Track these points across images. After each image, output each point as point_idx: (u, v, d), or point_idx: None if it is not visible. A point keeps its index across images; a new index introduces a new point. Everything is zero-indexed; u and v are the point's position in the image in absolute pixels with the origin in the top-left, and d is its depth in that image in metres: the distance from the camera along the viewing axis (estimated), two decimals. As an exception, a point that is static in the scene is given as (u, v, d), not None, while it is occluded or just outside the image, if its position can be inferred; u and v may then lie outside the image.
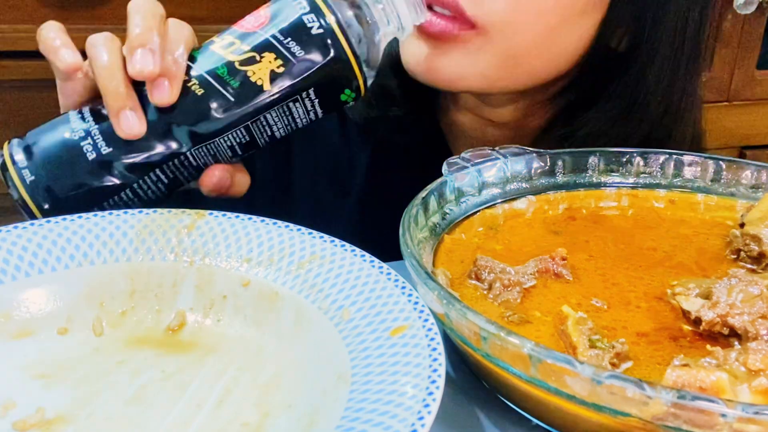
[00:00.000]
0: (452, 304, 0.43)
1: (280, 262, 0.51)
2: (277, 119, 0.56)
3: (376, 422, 0.37)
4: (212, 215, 0.54)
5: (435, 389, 0.39)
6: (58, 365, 0.46)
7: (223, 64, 0.55)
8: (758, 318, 0.46)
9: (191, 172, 0.56)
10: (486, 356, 0.42)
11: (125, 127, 0.53)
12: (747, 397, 0.40)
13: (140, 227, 0.53)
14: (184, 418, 0.42)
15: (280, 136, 0.57)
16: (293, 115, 0.56)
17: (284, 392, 0.45)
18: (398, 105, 0.80)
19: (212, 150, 0.55)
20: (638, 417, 0.37)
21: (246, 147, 0.57)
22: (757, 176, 0.65)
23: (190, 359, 0.47)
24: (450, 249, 0.56)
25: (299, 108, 0.56)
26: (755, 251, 0.55)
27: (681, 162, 0.67)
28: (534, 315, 0.49)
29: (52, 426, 0.41)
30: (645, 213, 0.64)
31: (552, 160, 0.65)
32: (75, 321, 0.49)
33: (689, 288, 0.50)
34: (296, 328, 0.48)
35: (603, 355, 0.43)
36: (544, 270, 0.53)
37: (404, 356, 0.41)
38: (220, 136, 0.55)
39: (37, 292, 0.49)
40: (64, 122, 0.55)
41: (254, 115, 0.55)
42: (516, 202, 0.63)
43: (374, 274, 0.48)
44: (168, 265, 0.52)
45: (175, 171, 0.55)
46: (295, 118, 0.57)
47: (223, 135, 0.55)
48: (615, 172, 0.67)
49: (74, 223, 0.52)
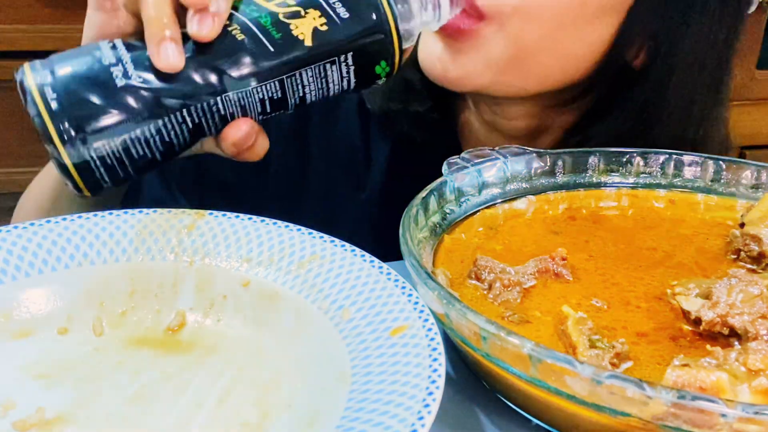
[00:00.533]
0: (452, 304, 0.43)
1: (280, 262, 0.51)
2: (311, 80, 0.55)
3: (376, 422, 0.37)
4: (212, 215, 0.54)
5: (435, 389, 0.39)
6: (58, 365, 0.46)
7: (267, 14, 0.54)
8: (758, 318, 0.46)
9: (217, 121, 0.54)
10: (486, 356, 0.42)
11: (164, 57, 0.50)
12: (747, 397, 0.40)
13: (140, 227, 0.53)
14: (184, 418, 0.42)
15: (310, 99, 0.57)
16: (328, 78, 0.56)
17: (284, 392, 0.45)
18: (419, 101, 0.80)
19: (243, 100, 0.54)
20: (638, 417, 0.37)
21: (276, 104, 0.55)
22: (757, 176, 0.65)
23: (190, 359, 0.47)
24: (450, 249, 0.56)
25: (335, 72, 0.55)
26: (755, 251, 0.55)
27: (681, 162, 0.67)
28: (534, 315, 0.49)
29: (52, 426, 0.41)
30: (645, 213, 0.64)
31: (552, 160, 0.65)
32: (75, 321, 0.49)
33: (689, 288, 0.50)
34: (296, 328, 0.48)
35: (603, 355, 0.43)
36: (544, 270, 0.53)
37: (404, 356, 0.41)
38: (253, 85, 0.54)
39: (37, 292, 0.49)
40: (94, 48, 0.53)
41: (291, 70, 0.54)
42: (516, 202, 0.63)
43: (374, 274, 0.48)
44: (168, 265, 0.52)
45: (202, 116, 0.53)
46: (328, 83, 0.56)
47: (257, 85, 0.54)
48: (615, 172, 0.67)
49: (74, 223, 0.52)
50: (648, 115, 0.72)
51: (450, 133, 0.83)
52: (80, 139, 0.50)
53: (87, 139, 0.50)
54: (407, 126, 0.80)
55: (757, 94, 1.90)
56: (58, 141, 0.50)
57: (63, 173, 0.51)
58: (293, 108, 0.56)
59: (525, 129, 0.77)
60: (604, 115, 0.73)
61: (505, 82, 0.70)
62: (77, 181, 0.51)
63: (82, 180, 0.51)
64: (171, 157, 0.54)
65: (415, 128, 0.80)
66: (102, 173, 0.51)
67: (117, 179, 0.52)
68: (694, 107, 0.73)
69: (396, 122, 0.81)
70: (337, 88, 0.57)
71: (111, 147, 0.51)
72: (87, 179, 0.51)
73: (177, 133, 0.53)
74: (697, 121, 0.74)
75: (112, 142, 0.51)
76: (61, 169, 0.51)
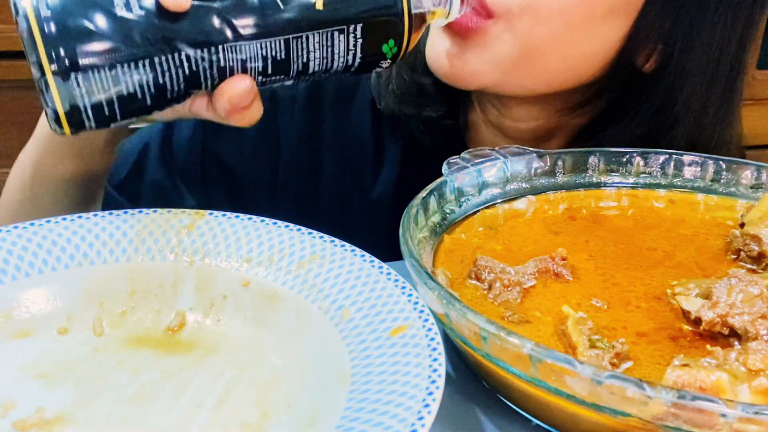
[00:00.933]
0: (452, 304, 0.43)
1: (280, 262, 0.51)
2: (317, 46, 0.54)
3: (376, 422, 0.37)
4: (212, 215, 0.54)
5: (435, 389, 0.39)
6: (58, 365, 0.46)
7: None
8: (758, 318, 0.46)
9: (215, 73, 0.52)
10: (486, 356, 0.42)
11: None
12: (747, 397, 0.40)
13: (140, 227, 0.53)
14: (184, 418, 0.42)
15: (313, 69, 0.55)
16: (334, 47, 0.54)
17: (284, 392, 0.45)
18: (432, 106, 0.79)
19: (245, 54, 0.52)
20: (638, 417, 0.37)
21: (278, 66, 0.54)
22: (757, 176, 0.65)
23: (190, 359, 0.47)
24: (450, 249, 0.56)
25: (342, 42, 0.54)
26: (755, 251, 0.55)
27: (681, 162, 0.67)
28: (534, 315, 0.49)
29: (52, 426, 0.41)
30: (645, 213, 0.64)
31: (552, 160, 0.65)
32: (75, 321, 0.49)
33: (689, 288, 0.50)
34: (296, 328, 0.48)
35: (603, 355, 0.43)
36: (544, 270, 0.53)
37: (404, 356, 0.41)
38: (258, 39, 0.52)
39: (37, 292, 0.49)
40: None
41: (298, 31, 0.53)
42: (516, 202, 0.63)
43: (374, 274, 0.48)
44: (168, 265, 0.52)
45: (200, 63, 0.51)
46: (334, 53, 0.55)
47: (262, 40, 0.52)
48: (615, 172, 0.67)
49: (74, 223, 0.52)
50: (663, 119, 0.71)
51: (458, 137, 0.82)
52: (71, 66, 0.47)
53: (78, 67, 0.47)
54: (419, 130, 0.80)
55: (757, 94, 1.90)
56: (47, 66, 0.47)
57: (46, 103, 0.48)
58: (294, 76, 0.55)
59: (532, 132, 0.77)
60: (617, 119, 0.73)
61: (513, 81, 0.69)
62: (60, 114, 0.48)
63: (66, 114, 0.48)
64: (160, 106, 0.51)
65: (427, 133, 0.80)
66: (88, 109, 0.48)
67: (101, 119, 0.50)
68: (710, 109, 0.72)
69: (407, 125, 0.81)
70: (342, 61, 0.55)
71: (102, 81, 0.48)
72: (71, 113, 0.48)
73: (172, 77, 0.50)
74: (712, 124, 0.73)
75: (105, 75, 0.48)
76: (46, 99, 0.48)
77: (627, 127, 0.72)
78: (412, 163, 0.83)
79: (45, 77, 0.47)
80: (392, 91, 0.79)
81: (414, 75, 0.78)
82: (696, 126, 0.72)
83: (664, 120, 0.71)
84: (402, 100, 0.79)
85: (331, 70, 0.56)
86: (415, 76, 0.77)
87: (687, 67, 0.69)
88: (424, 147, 0.80)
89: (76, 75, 0.47)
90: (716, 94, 0.72)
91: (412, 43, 0.57)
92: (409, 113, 0.79)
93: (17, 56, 1.55)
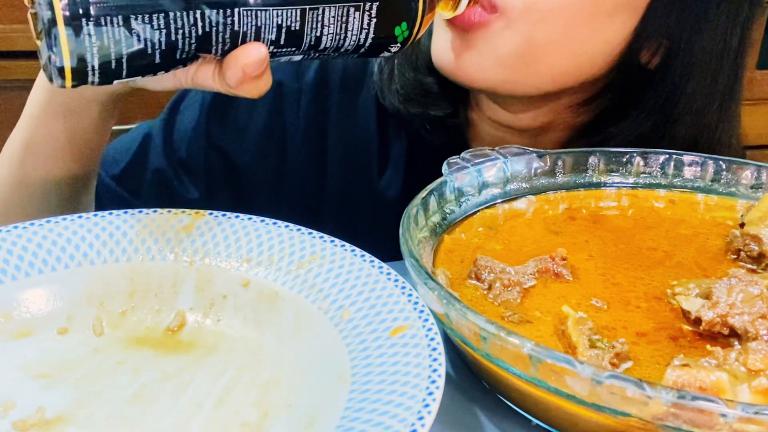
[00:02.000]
0: (452, 304, 0.43)
1: (280, 262, 0.51)
2: (331, 20, 0.53)
3: (376, 422, 0.37)
4: (212, 215, 0.54)
5: (435, 389, 0.39)
6: (58, 365, 0.46)
7: None
8: (758, 318, 0.46)
9: (227, 37, 0.51)
10: (486, 356, 0.42)
11: None
12: (747, 397, 0.40)
13: (140, 227, 0.53)
14: (184, 418, 0.42)
15: (324, 45, 0.55)
16: (348, 24, 0.54)
17: (284, 392, 0.45)
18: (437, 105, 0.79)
19: (261, 21, 0.52)
20: (638, 417, 0.37)
21: (291, 37, 0.53)
22: (757, 176, 0.65)
23: (190, 359, 0.47)
24: (450, 249, 0.56)
25: (356, 19, 0.54)
26: (755, 251, 0.55)
27: (681, 162, 0.67)
28: (534, 315, 0.49)
29: (52, 426, 0.41)
30: (645, 213, 0.64)
31: (552, 160, 0.65)
32: (75, 321, 0.49)
33: (689, 288, 0.50)
34: (296, 328, 0.48)
35: (603, 355, 0.43)
36: (544, 270, 0.53)
37: (404, 356, 0.41)
38: (276, 7, 0.51)
39: (37, 292, 0.49)
40: None
41: (315, 2, 0.52)
42: (516, 202, 0.63)
43: (374, 274, 0.48)
44: (168, 265, 0.52)
45: (215, 25, 0.51)
46: (347, 30, 0.54)
47: (279, 8, 0.52)
48: (615, 172, 0.67)
49: (74, 223, 0.52)
50: (667, 115, 0.71)
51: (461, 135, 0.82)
52: (85, 15, 0.46)
53: (92, 17, 0.46)
54: (424, 129, 0.80)
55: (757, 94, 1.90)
56: (59, 14, 0.46)
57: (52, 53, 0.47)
58: (305, 50, 0.54)
59: (534, 128, 0.77)
60: (620, 116, 0.73)
61: (519, 79, 0.68)
62: (66, 65, 0.47)
63: (71, 62, 0.47)
64: (166, 66, 0.51)
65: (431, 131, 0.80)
66: (94, 59, 0.47)
67: (106, 73, 0.48)
68: (713, 106, 0.72)
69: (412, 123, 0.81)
70: (354, 39, 0.55)
71: (114, 33, 0.47)
72: (77, 63, 0.47)
73: (185, 35, 0.50)
74: (714, 122, 0.73)
75: (118, 26, 0.47)
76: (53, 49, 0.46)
77: (631, 124, 0.72)
78: (417, 160, 0.83)
79: (56, 27, 0.46)
80: (396, 91, 0.78)
81: (417, 74, 0.77)
82: (699, 123, 0.72)
83: (668, 116, 0.71)
84: (407, 99, 0.78)
85: (342, 48, 0.55)
86: (418, 75, 0.77)
87: (691, 62, 0.69)
88: (429, 144, 0.80)
89: (89, 25, 0.46)
90: (719, 91, 0.72)
91: (421, 30, 0.57)
92: (415, 113, 0.79)
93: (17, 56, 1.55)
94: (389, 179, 0.84)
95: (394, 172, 0.84)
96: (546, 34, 0.65)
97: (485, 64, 0.67)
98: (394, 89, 0.78)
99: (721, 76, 0.71)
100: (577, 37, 0.66)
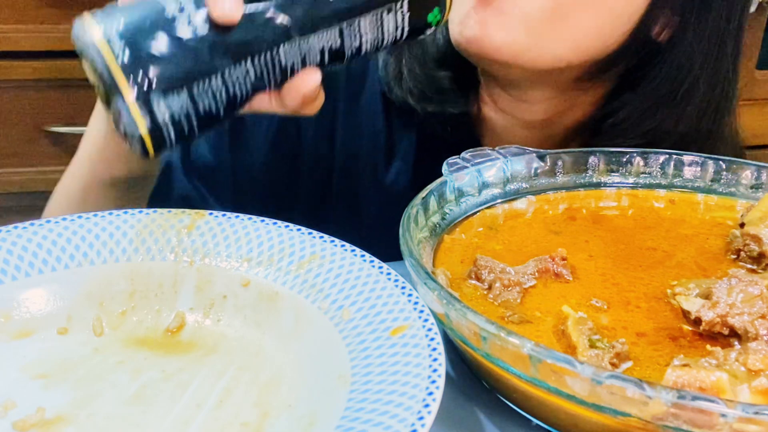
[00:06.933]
0: (452, 304, 0.43)
1: (280, 262, 0.51)
2: (368, 28, 0.55)
3: (376, 422, 0.37)
4: (212, 215, 0.54)
5: (435, 389, 0.39)
6: (58, 365, 0.46)
7: None
8: (758, 318, 0.46)
9: (278, 73, 0.54)
10: (486, 356, 0.42)
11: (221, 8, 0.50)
12: (747, 397, 0.40)
13: (140, 227, 0.53)
14: (184, 418, 0.42)
15: (365, 50, 0.56)
16: (383, 26, 0.55)
17: (284, 392, 0.45)
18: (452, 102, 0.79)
19: (304, 49, 0.54)
20: (638, 417, 0.37)
21: (335, 55, 0.55)
22: (757, 176, 0.65)
23: (190, 359, 0.47)
24: (450, 249, 0.56)
25: (390, 20, 0.55)
26: (755, 251, 0.55)
27: (681, 162, 0.67)
28: (534, 315, 0.49)
29: (52, 426, 0.41)
30: (645, 213, 0.64)
31: (552, 160, 0.65)
32: (75, 321, 0.49)
33: (689, 288, 0.50)
34: (296, 328, 0.48)
35: (603, 355, 0.43)
36: (544, 270, 0.53)
37: (404, 356, 0.41)
38: (314, 32, 0.53)
39: (37, 292, 0.49)
40: None
41: (350, 17, 0.54)
42: (516, 202, 0.63)
43: (374, 274, 0.48)
44: (168, 265, 0.52)
45: (264, 66, 0.53)
46: (384, 31, 0.56)
47: (318, 33, 0.53)
48: (615, 172, 0.67)
49: (74, 223, 0.52)
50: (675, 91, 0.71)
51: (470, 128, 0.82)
52: (152, 92, 0.49)
53: (158, 92, 0.49)
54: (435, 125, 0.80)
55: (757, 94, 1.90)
56: (129, 95, 0.48)
57: (128, 131, 0.50)
58: (349, 60, 0.56)
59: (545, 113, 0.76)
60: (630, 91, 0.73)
61: (542, 46, 0.67)
62: (145, 139, 0.50)
63: (151, 137, 0.50)
64: (230, 114, 0.53)
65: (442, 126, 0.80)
66: (169, 129, 0.50)
67: (182, 136, 0.51)
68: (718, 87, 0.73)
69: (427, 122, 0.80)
70: (391, 37, 0.56)
71: (180, 100, 0.50)
72: (155, 136, 0.50)
73: (240, 85, 0.52)
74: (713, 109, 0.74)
75: (182, 94, 0.50)
76: (128, 127, 0.49)
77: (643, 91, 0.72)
78: (424, 154, 0.83)
79: (128, 109, 0.48)
80: (409, 90, 0.78)
81: (426, 69, 0.77)
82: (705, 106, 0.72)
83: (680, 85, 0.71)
84: (423, 97, 0.78)
85: (381, 47, 0.57)
86: (428, 70, 0.77)
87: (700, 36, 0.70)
88: (436, 138, 0.80)
89: (158, 102, 0.49)
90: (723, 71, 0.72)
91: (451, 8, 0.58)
92: (432, 111, 0.78)
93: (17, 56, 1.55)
94: (397, 173, 0.84)
95: (403, 165, 0.83)
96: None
97: (512, 25, 0.66)
98: (406, 88, 0.78)
99: (725, 57, 0.72)
100: None
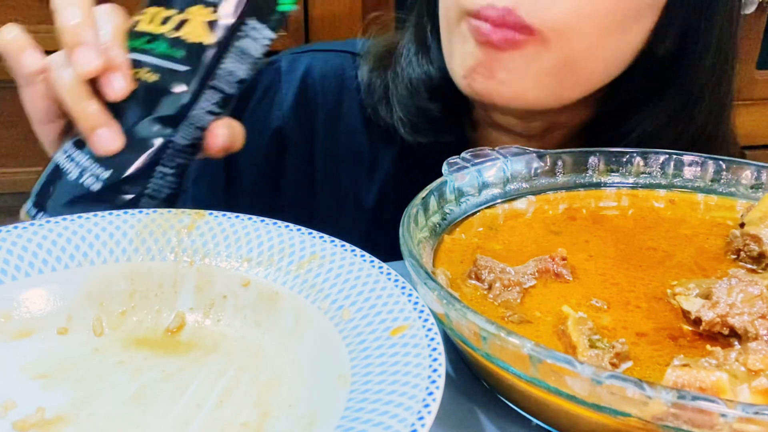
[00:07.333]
0: (452, 304, 0.43)
1: (280, 262, 0.51)
2: (235, 63, 0.55)
3: (376, 422, 0.37)
4: (212, 215, 0.54)
5: (435, 389, 0.39)
6: (58, 365, 0.46)
7: (159, 41, 0.54)
8: (758, 318, 0.46)
9: (189, 151, 0.56)
10: (486, 356, 0.42)
11: (103, 145, 0.53)
12: (747, 397, 0.40)
13: (140, 227, 0.53)
14: (184, 418, 0.42)
15: (246, 75, 0.57)
16: (247, 51, 0.56)
17: (284, 392, 0.45)
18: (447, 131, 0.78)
19: (194, 123, 0.55)
20: (638, 417, 0.37)
21: (222, 103, 0.56)
22: (757, 176, 0.65)
23: (190, 359, 0.47)
24: (450, 249, 0.56)
25: (249, 42, 0.55)
26: (755, 251, 0.55)
27: (681, 162, 0.67)
28: (534, 315, 0.49)
29: (52, 426, 0.41)
30: (645, 213, 0.64)
31: (552, 160, 0.65)
32: (75, 321, 0.49)
33: (689, 288, 0.50)
34: (296, 328, 0.48)
35: (603, 355, 0.43)
36: (544, 270, 0.53)
37: (404, 356, 0.41)
38: (192, 107, 0.54)
39: (37, 292, 0.49)
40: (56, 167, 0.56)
41: (212, 72, 0.54)
42: (516, 202, 0.63)
43: (374, 274, 0.48)
44: (168, 265, 0.52)
45: (174, 158, 0.55)
46: (252, 53, 0.56)
47: (195, 104, 0.55)
48: (615, 172, 0.67)
49: (74, 223, 0.52)
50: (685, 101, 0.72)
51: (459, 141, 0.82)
52: None
53: None
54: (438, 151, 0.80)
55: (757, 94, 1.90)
56: None
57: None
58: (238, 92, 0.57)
59: (543, 129, 0.77)
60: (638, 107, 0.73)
61: (555, 94, 0.68)
62: None
63: None
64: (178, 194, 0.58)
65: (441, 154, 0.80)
66: None
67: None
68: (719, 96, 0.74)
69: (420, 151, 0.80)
70: (261, 50, 0.57)
71: None
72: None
73: (167, 183, 0.56)
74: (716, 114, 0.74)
75: None
76: None
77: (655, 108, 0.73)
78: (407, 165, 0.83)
79: None
80: (400, 119, 0.78)
81: (417, 100, 0.77)
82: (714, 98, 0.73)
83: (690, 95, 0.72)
84: (415, 129, 0.78)
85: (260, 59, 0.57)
86: (419, 101, 0.76)
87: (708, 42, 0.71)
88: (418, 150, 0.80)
89: None
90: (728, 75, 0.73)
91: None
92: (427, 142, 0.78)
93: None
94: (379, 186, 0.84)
95: (384, 178, 0.84)
96: (582, 46, 0.65)
97: (525, 85, 0.66)
98: (397, 118, 0.78)
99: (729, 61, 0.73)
100: (610, 42, 0.66)
